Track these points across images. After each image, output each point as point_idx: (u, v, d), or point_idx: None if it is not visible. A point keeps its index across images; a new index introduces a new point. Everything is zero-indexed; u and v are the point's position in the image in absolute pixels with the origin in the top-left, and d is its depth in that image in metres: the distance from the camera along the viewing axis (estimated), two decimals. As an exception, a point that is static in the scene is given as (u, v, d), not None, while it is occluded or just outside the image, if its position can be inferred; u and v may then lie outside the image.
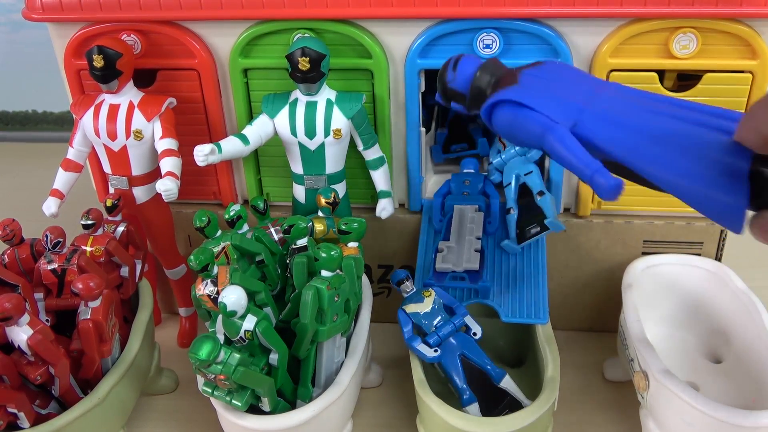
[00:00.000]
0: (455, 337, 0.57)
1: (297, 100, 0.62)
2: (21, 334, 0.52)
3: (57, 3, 0.63)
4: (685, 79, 0.61)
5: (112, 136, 0.62)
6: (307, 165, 0.64)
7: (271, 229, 0.62)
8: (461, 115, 0.75)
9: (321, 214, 0.62)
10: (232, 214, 0.61)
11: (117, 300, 0.60)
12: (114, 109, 0.62)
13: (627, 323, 0.59)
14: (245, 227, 0.61)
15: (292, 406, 0.56)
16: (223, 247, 0.58)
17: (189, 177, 0.68)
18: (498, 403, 0.57)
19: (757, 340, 0.58)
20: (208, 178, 0.71)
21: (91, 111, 0.63)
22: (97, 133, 0.63)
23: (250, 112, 0.67)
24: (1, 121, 1.26)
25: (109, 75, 0.60)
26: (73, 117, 0.64)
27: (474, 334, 0.58)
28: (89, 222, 0.61)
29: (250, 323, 0.51)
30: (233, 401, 0.52)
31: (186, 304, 0.75)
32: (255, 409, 0.54)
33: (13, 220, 0.60)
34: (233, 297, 0.50)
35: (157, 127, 0.63)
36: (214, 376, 0.50)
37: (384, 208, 0.65)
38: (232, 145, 0.62)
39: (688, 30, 0.57)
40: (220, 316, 0.52)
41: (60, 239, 0.59)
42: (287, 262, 0.60)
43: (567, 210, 0.69)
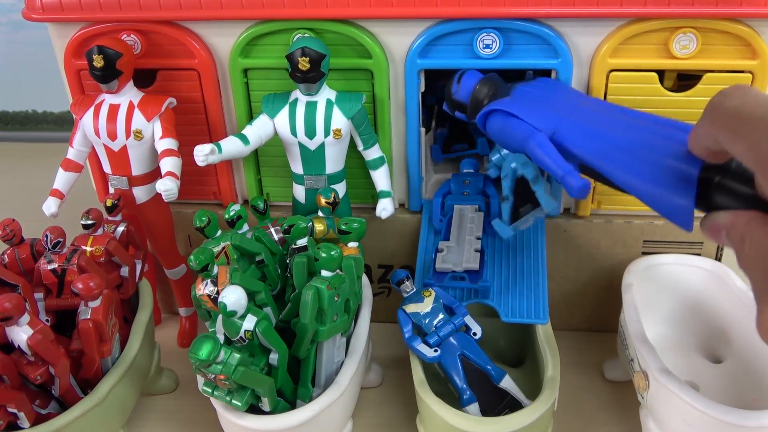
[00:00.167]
0: (455, 337, 0.57)
1: (297, 100, 0.62)
2: (21, 334, 0.52)
3: (57, 3, 0.63)
4: (685, 79, 0.62)
5: (112, 136, 0.62)
6: (307, 165, 0.64)
7: (271, 229, 0.62)
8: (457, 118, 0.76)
9: (321, 214, 0.62)
10: (232, 214, 0.61)
11: (117, 300, 0.60)
12: (114, 109, 0.62)
13: (627, 323, 0.59)
14: (245, 227, 0.61)
15: (292, 406, 0.56)
16: (223, 247, 0.58)
17: (189, 177, 0.68)
18: (498, 403, 0.57)
19: (757, 340, 0.58)
20: (208, 178, 0.71)
21: (91, 111, 0.63)
22: (97, 133, 0.63)
23: (250, 112, 0.67)
24: (1, 121, 1.26)
25: (109, 75, 0.60)
26: (73, 117, 0.64)
27: (474, 334, 0.58)
28: (89, 222, 0.61)
29: (250, 323, 0.51)
30: (233, 401, 0.52)
31: (186, 304, 0.75)
32: (255, 409, 0.54)
33: (13, 220, 0.60)
34: (233, 297, 0.50)
35: (157, 127, 0.63)
36: (214, 376, 0.50)
37: (384, 208, 0.65)
38: (232, 145, 0.62)
39: (688, 30, 0.57)
40: (220, 316, 0.52)
41: (60, 239, 0.59)
42: (287, 262, 0.60)
43: (567, 210, 0.69)
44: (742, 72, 0.59)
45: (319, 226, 0.62)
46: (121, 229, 0.64)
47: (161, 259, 0.72)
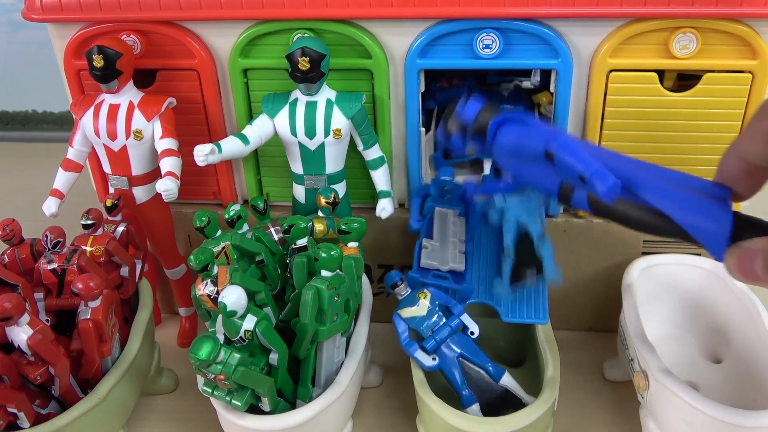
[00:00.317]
0: (452, 339, 0.57)
1: (297, 100, 0.62)
2: (21, 334, 0.52)
3: (57, 3, 0.63)
4: (685, 79, 0.62)
5: (112, 136, 0.62)
6: (307, 165, 0.64)
7: (271, 229, 0.62)
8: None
9: (321, 214, 0.62)
10: (232, 214, 0.61)
11: (117, 300, 0.60)
12: (114, 109, 0.62)
13: (627, 323, 0.59)
14: (245, 227, 0.61)
15: (292, 406, 0.56)
16: (223, 247, 0.58)
17: (189, 177, 0.68)
18: (500, 403, 0.57)
19: (757, 340, 0.58)
20: (208, 178, 0.71)
21: (91, 111, 0.63)
22: (97, 133, 0.63)
23: (250, 112, 0.67)
24: (1, 121, 1.26)
25: (109, 75, 0.60)
26: (73, 117, 0.64)
27: (471, 333, 0.58)
28: (89, 222, 0.61)
29: (250, 323, 0.51)
30: (233, 401, 0.52)
31: (186, 304, 0.75)
32: (255, 409, 0.54)
33: (13, 220, 0.60)
34: (233, 297, 0.50)
35: (157, 127, 0.63)
36: (214, 376, 0.50)
37: (384, 208, 0.65)
38: (232, 145, 0.62)
39: (688, 30, 0.57)
40: (220, 316, 0.52)
41: (60, 239, 0.59)
42: (287, 262, 0.60)
43: (567, 210, 0.69)
44: (742, 72, 0.59)
45: (319, 226, 0.62)
46: (121, 229, 0.64)
47: (161, 259, 0.72)
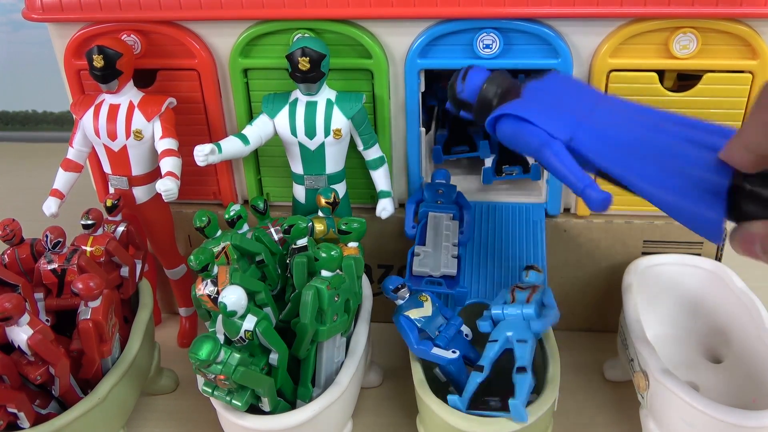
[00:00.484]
0: (454, 340, 0.57)
1: (297, 100, 0.62)
2: (21, 334, 0.52)
3: (57, 3, 0.63)
4: (685, 79, 0.62)
5: (112, 136, 0.62)
6: (307, 165, 0.64)
7: (271, 229, 0.62)
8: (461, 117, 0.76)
9: (321, 214, 0.62)
10: (232, 214, 0.61)
11: (117, 300, 0.60)
12: (114, 109, 0.62)
13: (627, 323, 0.59)
14: (245, 227, 0.61)
15: (292, 406, 0.56)
16: (223, 247, 0.58)
17: (189, 177, 0.68)
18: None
19: (757, 340, 0.58)
20: (208, 178, 0.71)
21: (91, 111, 0.63)
22: (97, 133, 0.63)
23: (250, 112, 0.67)
24: (1, 121, 1.26)
25: (109, 75, 0.60)
26: (73, 117, 0.64)
27: (466, 336, 0.59)
28: (89, 222, 0.61)
29: (250, 323, 0.51)
30: (233, 401, 0.52)
31: (186, 304, 0.75)
32: (255, 409, 0.54)
33: (13, 220, 0.60)
34: (233, 297, 0.50)
35: (157, 127, 0.63)
36: (214, 376, 0.50)
37: (384, 208, 0.65)
38: (232, 145, 0.62)
39: (688, 30, 0.57)
40: (220, 316, 0.52)
41: (60, 239, 0.59)
42: (287, 262, 0.60)
43: (567, 210, 0.69)
44: (742, 72, 0.59)
45: (319, 226, 0.62)
46: (121, 229, 0.64)
47: (161, 259, 0.72)
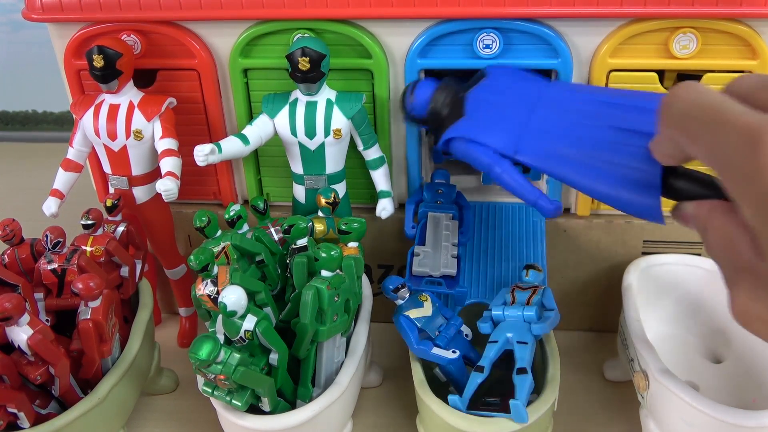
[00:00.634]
0: (453, 340, 0.57)
1: (297, 100, 0.62)
2: (21, 334, 0.52)
3: (57, 3, 0.63)
4: (685, 79, 0.62)
5: (112, 136, 0.62)
6: (307, 165, 0.64)
7: (271, 229, 0.62)
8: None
9: (321, 214, 0.62)
10: (232, 214, 0.61)
11: (117, 300, 0.60)
12: (114, 109, 0.62)
13: (627, 323, 0.59)
14: (245, 227, 0.61)
15: (292, 406, 0.56)
16: (223, 247, 0.58)
17: (189, 177, 0.68)
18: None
19: (757, 340, 0.58)
20: (208, 178, 0.71)
21: (91, 111, 0.63)
22: (97, 133, 0.63)
23: (250, 112, 0.67)
24: (1, 121, 1.26)
25: (109, 75, 0.60)
26: (73, 117, 0.64)
27: (466, 336, 0.59)
28: (89, 222, 0.61)
29: (250, 323, 0.51)
30: (233, 401, 0.52)
31: (186, 304, 0.75)
32: (255, 409, 0.54)
33: (13, 220, 0.60)
34: (233, 297, 0.50)
35: (157, 127, 0.63)
36: (214, 376, 0.50)
37: (384, 208, 0.65)
38: (232, 145, 0.62)
39: (688, 30, 0.57)
40: (220, 316, 0.52)
41: (60, 239, 0.59)
42: (287, 262, 0.60)
43: (567, 210, 0.69)
44: (742, 72, 0.59)
45: (319, 226, 0.62)
46: (121, 229, 0.64)
47: (161, 259, 0.72)
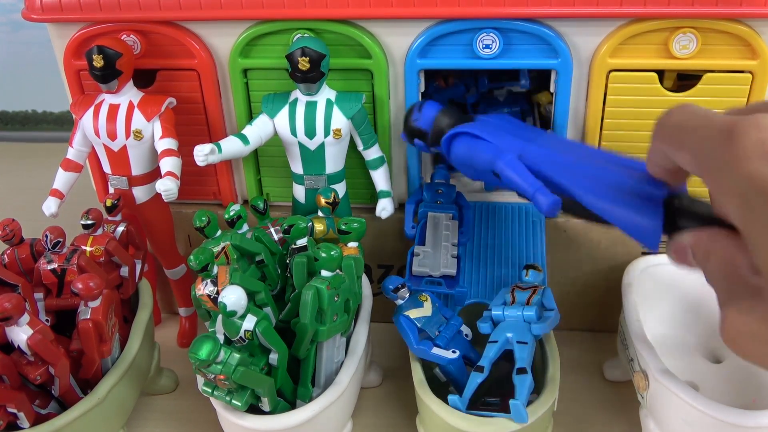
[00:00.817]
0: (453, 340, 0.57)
1: (297, 100, 0.62)
2: (21, 334, 0.52)
3: (57, 3, 0.63)
4: (685, 79, 0.62)
5: (112, 136, 0.62)
6: (307, 165, 0.64)
7: (271, 229, 0.62)
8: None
9: (321, 214, 0.62)
10: (232, 214, 0.61)
11: (117, 300, 0.60)
12: (114, 109, 0.62)
13: (627, 323, 0.59)
14: (245, 227, 0.61)
15: (292, 406, 0.56)
16: (223, 247, 0.58)
17: (189, 177, 0.68)
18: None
19: (757, 340, 0.58)
20: (208, 178, 0.71)
21: (90, 111, 0.63)
22: (96, 133, 0.63)
23: (250, 112, 0.67)
24: (1, 121, 1.26)
25: (108, 75, 0.60)
26: (73, 117, 0.64)
27: (466, 336, 0.59)
28: (89, 222, 0.61)
29: (250, 323, 0.51)
30: (233, 401, 0.52)
31: (186, 304, 0.75)
32: (255, 409, 0.54)
33: (13, 220, 0.60)
34: (233, 297, 0.50)
35: (156, 127, 0.63)
36: (214, 376, 0.50)
37: (384, 208, 0.65)
38: (231, 145, 0.62)
39: (688, 30, 0.57)
40: (220, 316, 0.52)
41: (60, 239, 0.59)
42: (287, 262, 0.60)
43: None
44: (741, 72, 0.59)
45: (319, 226, 0.62)
46: (121, 229, 0.64)
47: (161, 259, 0.72)
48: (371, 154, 0.64)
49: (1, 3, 1.13)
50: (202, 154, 0.60)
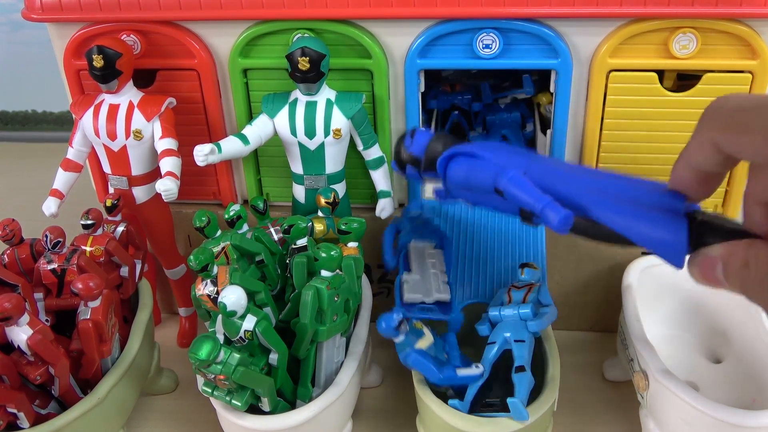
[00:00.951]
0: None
1: (297, 100, 0.62)
2: (21, 334, 0.52)
3: (57, 3, 0.63)
4: (684, 79, 0.62)
5: (112, 136, 0.62)
6: (307, 165, 0.64)
7: (271, 229, 0.62)
8: (461, 123, 0.76)
9: (321, 214, 0.62)
10: (231, 214, 0.61)
11: (117, 300, 0.60)
12: (114, 109, 0.62)
13: (627, 323, 0.59)
14: (245, 227, 0.61)
15: (292, 406, 0.56)
16: (223, 247, 0.58)
17: (189, 177, 0.68)
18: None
19: (757, 340, 0.58)
20: (208, 178, 0.71)
21: (90, 111, 0.63)
22: (96, 133, 0.63)
23: (250, 112, 0.67)
24: (1, 121, 1.26)
25: (108, 75, 0.60)
26: (73, 117, 0.64)
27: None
28: (89, 222, 0.61)
29: (250, 323, 0.51)
30: (233, 401, 0.52)
31: (186, 304, 0.75)
32: (255, 409, 0.54)
33: (13, 220, 0.60)
34: (233, 297, 0.50)
35: (156, 127, 0.63)
36: (214, 376, 0.50)
37: (384, 208, 0.65)
38: (231, 145, 0.62)
39: (688, 30, 0.57)
40: (220, 316, 0.52)
41: (60, 239, 0.59)
42: (287, 262, 0.60)
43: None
44: (741, 72, 0.59)
45: (318, 226, 0.62)
46: (120, 229, 0.64)
47: (161, 259, 0.72)
48: (371, 154, 0.64)
49: (1, 3, 1.13)
50: (202, 154, 0.60)
